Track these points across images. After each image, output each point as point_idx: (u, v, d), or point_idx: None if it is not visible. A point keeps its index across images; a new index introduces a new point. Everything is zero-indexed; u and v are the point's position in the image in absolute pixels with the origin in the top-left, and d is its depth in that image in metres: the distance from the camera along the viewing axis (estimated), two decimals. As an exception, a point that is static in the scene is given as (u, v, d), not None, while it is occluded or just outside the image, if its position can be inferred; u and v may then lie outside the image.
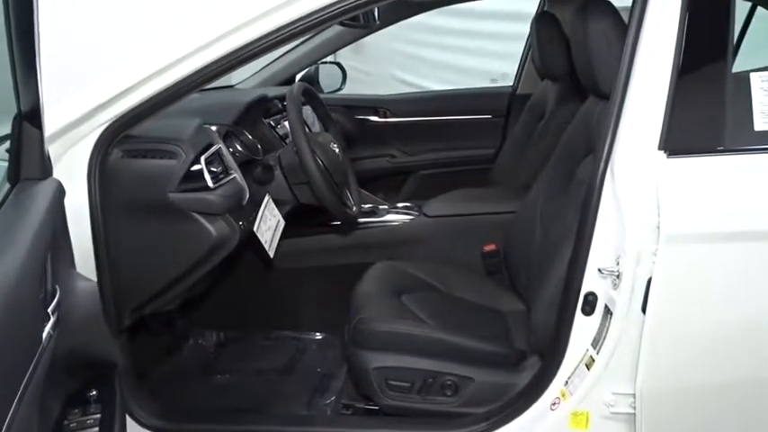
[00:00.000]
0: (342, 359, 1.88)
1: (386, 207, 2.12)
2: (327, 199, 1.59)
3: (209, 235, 1.41)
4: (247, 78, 2.75)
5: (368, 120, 2.84)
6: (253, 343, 2.08)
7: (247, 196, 1.51)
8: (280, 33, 1.30)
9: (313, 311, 2.07)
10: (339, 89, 2.92)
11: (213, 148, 1.46)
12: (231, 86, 2.66)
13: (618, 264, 1.25)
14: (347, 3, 1.26)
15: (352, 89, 3.37)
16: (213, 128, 1.54)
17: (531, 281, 1.75)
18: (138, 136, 1.41)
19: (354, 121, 2.83)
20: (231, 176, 1.49)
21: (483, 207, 2.09)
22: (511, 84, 2.89)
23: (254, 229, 1.54)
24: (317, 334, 2.09)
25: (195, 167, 1.40)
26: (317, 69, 2.84)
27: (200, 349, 2.06)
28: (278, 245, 2.03)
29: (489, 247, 2.00)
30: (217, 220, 1.42)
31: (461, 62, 4.82)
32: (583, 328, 1.33)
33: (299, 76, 2.85)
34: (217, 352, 2.06)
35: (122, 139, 1.38)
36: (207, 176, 1.39)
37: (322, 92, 2.81)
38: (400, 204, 2.13)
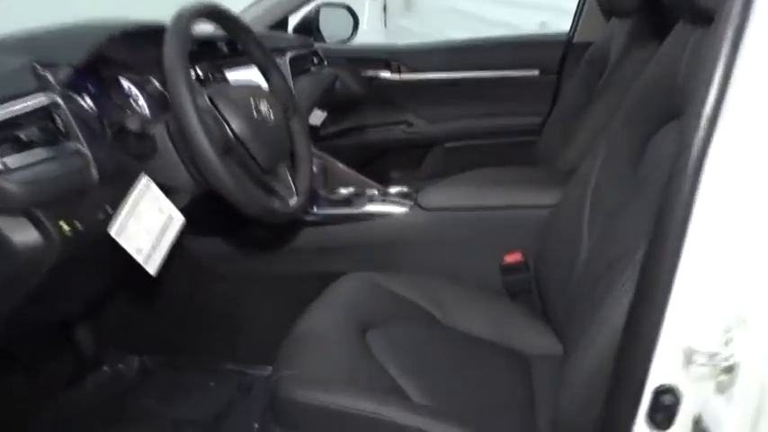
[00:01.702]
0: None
1: (376, 192, 1.50)
2: (230, 190, 0.99)
3: (6, 244, 0.84)
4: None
5: (378, 77, 2.21)
6: (185, 376, 1.53)
7: (95, 177, 0.93)
8: None
9: (264, 337, 1.49)
10: (348, 39, 2.29)
11: (31, 103, 0.89)
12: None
13: (729, 344, 0.60)
14: None
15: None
16: (48, 74, 0.95)
17: (571, 317, 1.12)
18: None
19: (360, 78, 2.21)
20: (68, 148, 0.91)
21: (506, 197, 1.43)
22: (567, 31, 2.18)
23: (111, 230, 0.96)
24: (269, 368, 1.51)
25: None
26: (317, 12, 2.22)
27: (114, 380, 1.53)
28: (218, 244, 1.48)
29: (513, 257, 1.35)
30: (18, 220, 0.85)
31: (526, 23, 4.11)
32: (649, 451, 0.69)
33: (293, 21, 2.24)
34: (134, 386, 1.52)
35: None
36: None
37: (323, 41, 2.19)
38: (393, 190, 1.50)
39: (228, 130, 1.03)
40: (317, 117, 1.92)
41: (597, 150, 1.22)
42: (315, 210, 1.45)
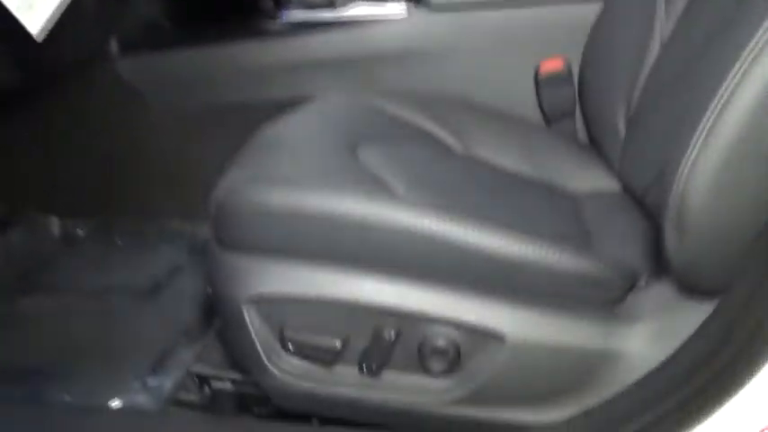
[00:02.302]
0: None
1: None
2: None
3: None
4: None
5: None
6: (121, 240, 1.19)
7: None
8: None
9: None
10: None
11: None
12: None
13: None
14: None
15: None
16: None
17: (641, 137, 0.81)
18: None
19: None
20: None
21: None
22: None
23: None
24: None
25: None
26: None
27: (29, 249, 1.18)
28: (157, 62, 1.13)
29: (552, 64, 1.01)
30: None
31: None
32: None
33: None
34: (54, 255, 1.18)
35: None
36: None
37: None
38: (387, -4, 1.13)
39: None
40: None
41: None
42: (283, 15, 1.09)
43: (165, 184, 1.17)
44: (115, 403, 0.81)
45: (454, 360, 0.60)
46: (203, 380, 0.77)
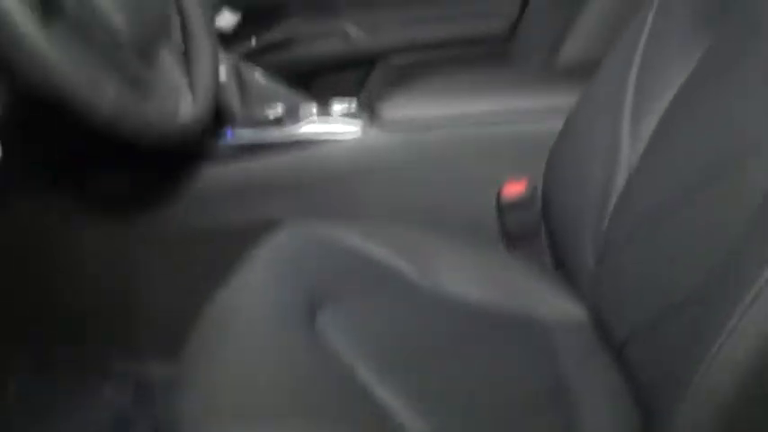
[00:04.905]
0: None
1: (311, 110, 1.07)
2: (59, 76, 0.54)
3: None
4: None
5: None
6: (59, 385, 1.08)
7: None
8: None
9: (169, 321, 1.05)
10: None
11: None
12: None
13: None
14: None
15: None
16: None
17: (615, 267, 0.78)
18: None
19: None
20: None
21: (499, 101, 1.02)
22: None
23: None
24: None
25: None
26: None
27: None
28: (88, 193, 1.04)
29: (514, 188, 0.96)
30: None
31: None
32: None
33: None
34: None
35: None
36: None
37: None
38: (336, 107, 1.06)
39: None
40: (227, 20, 1.46)
41: (634, 26, 0.84)
42: (228, 135, 1.01)
43: (107, 321, 1.07)
44: None
45: None
46: None
